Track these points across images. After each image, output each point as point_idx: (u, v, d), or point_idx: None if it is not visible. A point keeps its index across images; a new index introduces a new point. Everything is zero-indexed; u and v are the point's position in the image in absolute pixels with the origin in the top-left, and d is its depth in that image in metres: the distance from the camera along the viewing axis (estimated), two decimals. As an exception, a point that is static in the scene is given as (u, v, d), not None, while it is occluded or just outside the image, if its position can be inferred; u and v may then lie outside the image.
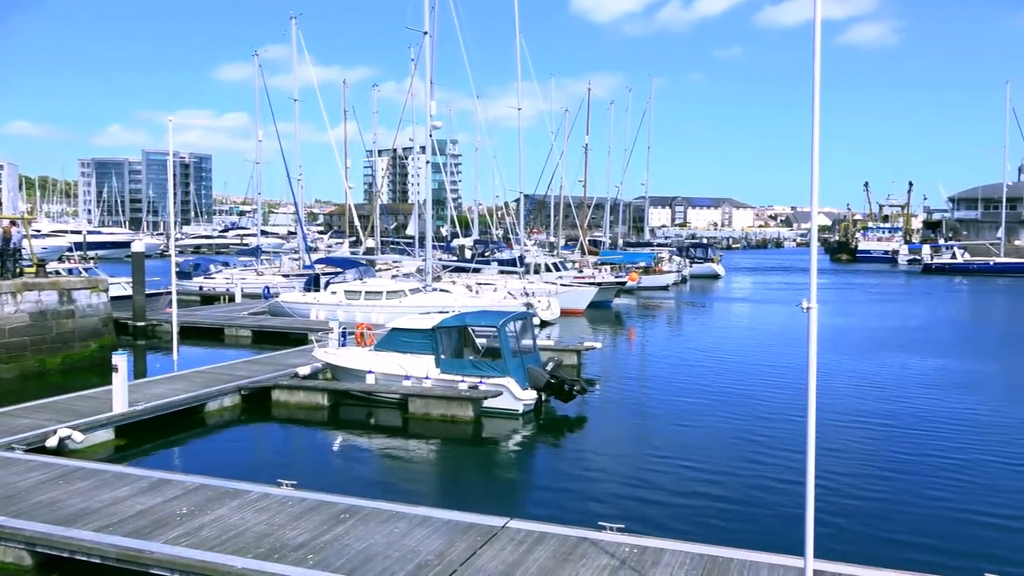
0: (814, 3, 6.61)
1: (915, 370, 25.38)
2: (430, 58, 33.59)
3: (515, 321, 19.13)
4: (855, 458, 15.15)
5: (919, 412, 19.19)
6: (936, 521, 11.96)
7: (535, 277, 42.84)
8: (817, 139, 6.67)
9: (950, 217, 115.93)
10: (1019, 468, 14.69)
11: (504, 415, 17.99)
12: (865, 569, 8.67)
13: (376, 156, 72.70)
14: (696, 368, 25.81)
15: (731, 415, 18.69)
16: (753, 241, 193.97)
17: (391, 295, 32.62)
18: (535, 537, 9.67)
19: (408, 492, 13.35)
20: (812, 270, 6.92)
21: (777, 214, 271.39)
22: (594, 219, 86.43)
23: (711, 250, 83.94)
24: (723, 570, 8.71)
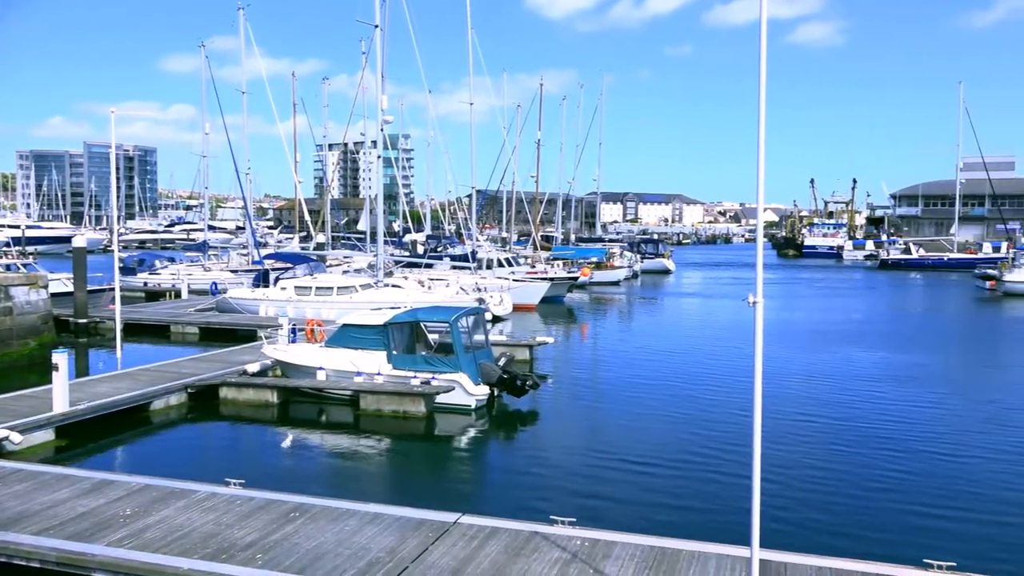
0: (760, 5, 6.71)
1: (861, 363, 26.02)
2: (381, 52, 33.33)
3: (467, 316, 19.11)
4: (800, 450, 15.49)
5: (863, 404, 19.69)
6: (878, 510, 12.29)
7: (487, 272, 42.80)
8: (763, 139, 6.78)
9: (892, 213, 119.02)
10: (956, 458, 15.16)
11: (456, 411, 17.97)
12: (809, 557, 8.87)
13: (327, 150, 71.83)
14: (647, 362, 26.10)
15: (681, 409, 18.95)
16: (703, 237, 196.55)
17: (342, 291, 32.30)
18: (487, 532, 9.69)
19: (359, 489, 13.26)
20: (758, 266, 7.04)
21: (726, 210, 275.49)
22: (546, 215, 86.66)
23: (662, 246, 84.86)
24: (672, 561, 8.83)
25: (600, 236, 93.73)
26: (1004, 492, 13.13)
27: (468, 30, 45.61)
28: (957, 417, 18.57)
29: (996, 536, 11.29)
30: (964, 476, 13.99)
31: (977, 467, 14.52)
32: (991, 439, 16.41)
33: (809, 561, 8.77)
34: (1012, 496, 12.94)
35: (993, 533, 11.39)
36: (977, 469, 14.39)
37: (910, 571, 8.48)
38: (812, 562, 8.75)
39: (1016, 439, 16.38)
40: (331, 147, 78.89)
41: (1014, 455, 15.22)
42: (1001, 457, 15.10)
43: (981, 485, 13.49)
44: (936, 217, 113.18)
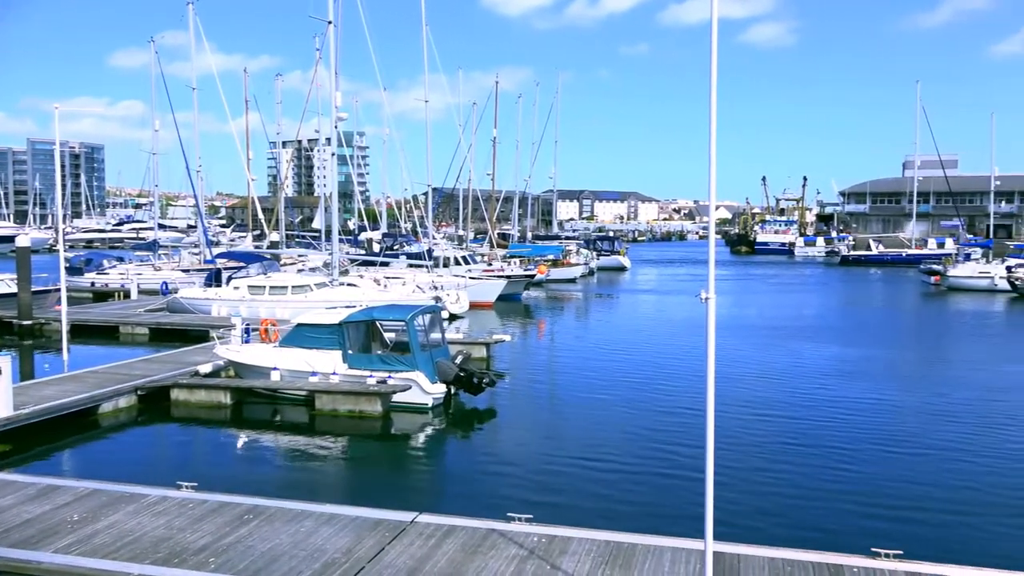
0: (712, 11, 6.79)
1: (811, 358, 26.54)
2: (335, 48, 32.99)
3: (423, 315, 19.04)
4: (753, 444, 15.73)
5: (813, 399, 20.09)
6: (828, 502, 12.56)
7: (444, 270, 42.68)
8: (714, 138, 6.87)
9: (841, 211, 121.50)
10: (902, 450, 15.56)
11: (413, 409, 17.89)
12: (762, 549, 9.03)
13: (280, 147, 70.87)
14: (604, 358, 26.29)
15: (638, 404, 19.12)
16: (658, 234, 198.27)
17: (296, 290, 31.94)
18: (444, 530, 9.67)
19: (315, 490, 13.12)
20: (710, 263, 7.13)
21: (681, 207, 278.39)
22: (503, 212, 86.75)
23: (617, 243, 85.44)
24: (628, 555, 8.91)
25: (556, 234, 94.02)
26: (949, 482, 13.51)
27: (423, 27, 45.44)
28: (903, 410, 19.06)
29: (941, 524, 11.62)
30: (910, 467, 14.36)
31: (922, 458, 14.91)
32: (935, 431, 16.87)
33: (762, 552, 8.92)
34: (956, 485, 13.32)
35: (939, 521, 11.72)
36: (922, 460, 14.79)
37: (859, 560, 8.67)
38: (765, 553, 8.90)
39: (959, 431, 16.86)
40: (285, 144, 77.76)
41: (956, 446, 15.67)
42: (944, 448, 15.54)
43: (926, 475, 13.87)
44: (883, 214, 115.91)
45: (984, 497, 12.79)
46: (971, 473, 13.98)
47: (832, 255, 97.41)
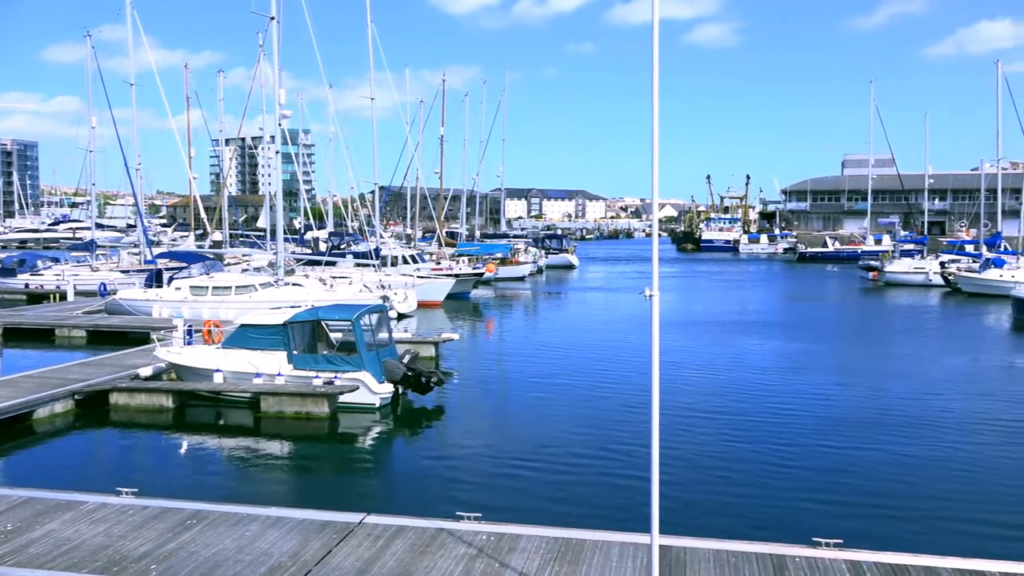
0: (653, 10, 6.86)
1: (753, 353, 27.07)
2: (277, 44, 32.47)
3: (370, 314, 18.89)
4: (697, 438, 15.99)
5: (755, 393, 20.50)
6: (771, 494, 12.83)
7: (391, 269, 42.40)
8: (656, 138, 6.95)
9: (783, 208, 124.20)
10: (840, 442, 15.97)
11: (361, 410, 17.74)
12: (708, 541, 9.17)
13: (223, 145, 69.64)
14: (552, 357, 26.42)
15: (586, 401, 19.27)
16: (605, 232, 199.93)
17: (241, 290, 31.39)
18: (393, 531, 9.60)
19: (261, 493, 12.93)
20: (654, 261, 7.22)
21: (628, 205, 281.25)
22: (451, 211, 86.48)
23: (566, 241, 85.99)
24: (576, 551, 8.97)
25: (505, 232, 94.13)
26: (886, 472, 13.91)
27: (368, 25, 45.00)
28: (842, 403, 19.55)
29: (879, 512, 11.96)
30: (849, 459, 14.75)
31: (860, 450, 15.32)
32: (873, 424, 17.36)
33: (707, 545, 9.06)
34: (893, 476, 13.72)
35: (876, 510, 12.06)
36: (860, 452, 15.19)
37: (801, 549, 8.87)
38: (710, 546, 9.05)
39: (895, 423, 17.38)
40: (228, 142, 76.44)
41: (893, 438, 16.14)
42: (881, 440, 15.99)
43: (865, 467, 14.25)
44: (823, 211, 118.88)
45: (920, 487, 13.20)
46: (907, 463, 14.42)
47: (790, 252, 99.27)
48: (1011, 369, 25.33)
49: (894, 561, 8.55)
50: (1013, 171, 65.75)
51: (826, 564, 8.51)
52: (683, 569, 8.48)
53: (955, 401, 19.62)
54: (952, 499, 12.61)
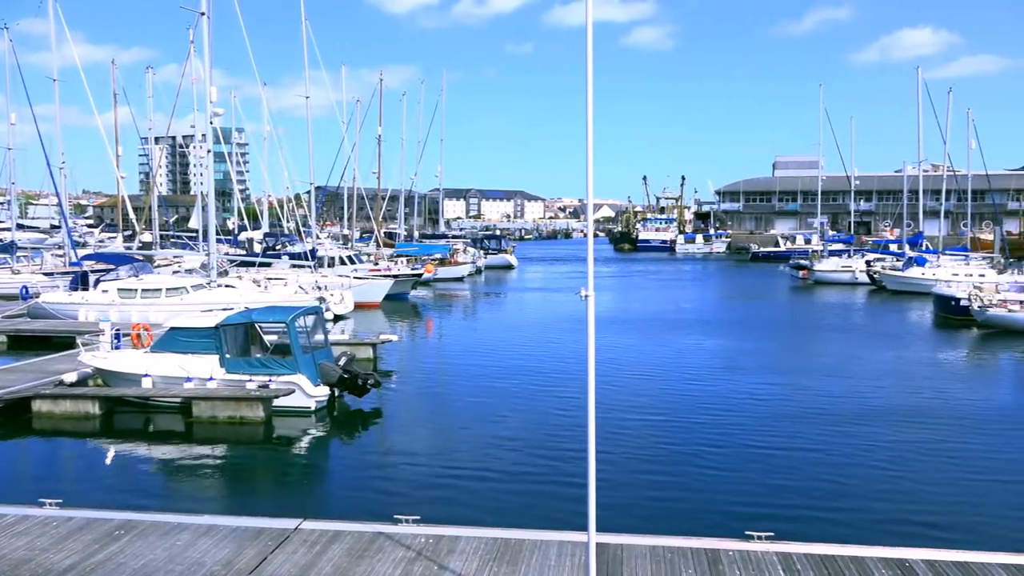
0: (586, 14, 6.92)
1: (687, 350, 27.55)
2: (208, 40, 31.72)
3: (305, 316, 18.61)
4: (633, 436, 16.19)
5: (689, 390, 20.88)
6: (705, 490, 13.07)
7: (328, 271, 41.84)
8: (591, 139, 7.01)
9: (717, 209, 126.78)
10: (771, 438, 16.37)
11: (296, 413, 17.45)
12: (644, 538, 9.29)
13: (153, 144, 67.61)
14: (491, 357, 26.43)
15: (524, 401, 19.32)
16: (544, 232, 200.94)
17: (171, 292, 30.57)
18: (330, 536, 9.47)
19: (193, 501, 12.63)
20: (589, 262, 7.28)
21: (566, 206, 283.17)
22: (389, 211, 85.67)
23: (504, 241, 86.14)
24: (515, 551, 8.99)
25: (443, 232, 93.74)
26: (815, 465, 14.32)
27: (303, 22, 44.35)
28: (773, 399, 20.04)
29: (809, 506, 12.31)
30: (780, 453, 15.13)
31: (791, 444, 15.74)
32: (803, 418, 17.83)
33: (644, 541, 9.18)
34: (822, 468, 14.13)
35: (807, 503, 12.41)
36: (791, 446, 15.60)
37: (734, 543, 9.06)
38: (646, 542, 9.16)
39: (824, 417, 17.89)
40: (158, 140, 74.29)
41: (820, 432, 16.61)
42: (810, 434, 16.45)
43: (795, 460, 14.65)
44: (755, 212, 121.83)
45: (848, 480, 13.61)
46: (836, 458, 14.85)
47: (742, 251, 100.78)
48: (933, 364, 26.33)
49: (823, 552, 8.79)
50: (934, 173, 68.32)
51: (758, 557, 8.71)
52: (620, 566, 8.57)
53: (881, 396, 20.29)
54: (879, 491, 13.04)
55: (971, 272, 47.50)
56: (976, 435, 16.58)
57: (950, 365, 26.45)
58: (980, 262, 51.81)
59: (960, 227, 72.08)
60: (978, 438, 16.32)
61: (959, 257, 53.99)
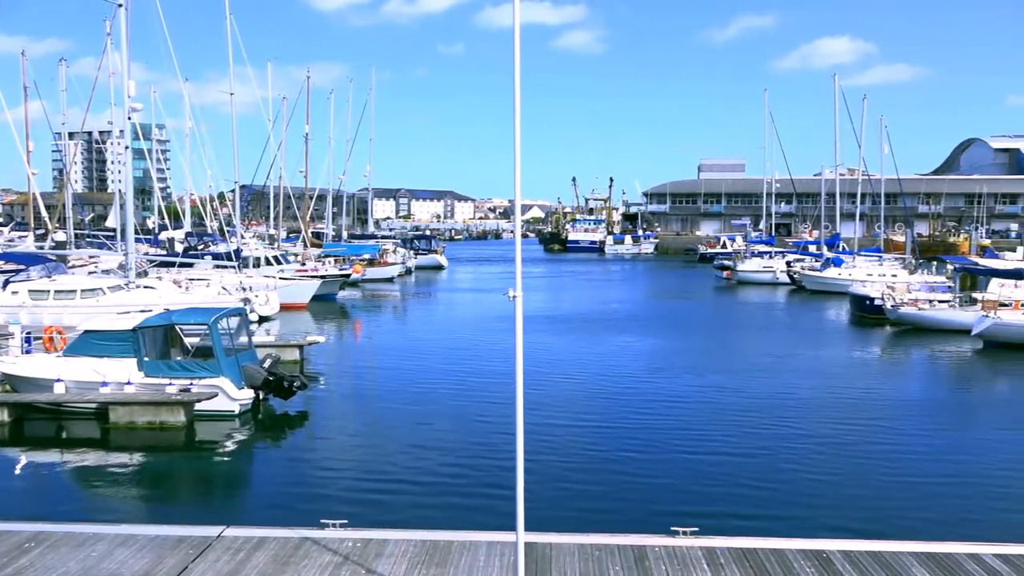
0: (514, 15, 6.92)
1: (614, 349, 27.93)
2: (126, 33, 30.65)
3: (228, 317, 18.18)
4: (562, 435, 16.32)
5: (616, 388, 21.16)
6: (632, 487, 13.26)
7: (253, 271, 40.94)
8: (518, 141, 7.02)
9: (645, 210, 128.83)
10: (695, 434, 16.73)
11: (219, 417, 17.01)
12: (573, 536, 9.35)
13: (67, 139, 64.97)
14: (421, 357, 26.27)
15: (453, 402, 19.26)
16: (474, 233, 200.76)
17: (87, 294, 29.44)
18: (254, 543, 9.24)
19: (110, 510, 12.18)
20: (517, 263, 7.28)
21: (496, 206, 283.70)
22: (317, 211, 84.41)
23: (434, 242, 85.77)
24: (444, 553, 8.93)
25: (373, 233, 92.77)
26: (738, 460, 14.68)
27: (227, 16, 43.31)
28: (698, 397, 20.48)
29: (733, 500, 12.60)
30: (704, 450, 15.47)
31: (714, 441, 16.10)
32: (725, 414, 18.27)
33: (572, 540, 9.24)
34: (744, 464, 14.50)
35: (731, 498, 12.71)
36: (714, 443, 15.97)
37: (660, 539, 9.20)
38: (575, 540, 9.22)
39: (746, 413, 18.35)
40: (72, 136, 71.54)
41: (743, 428, 17.06)
42: (732, 430, 16.87)
43: (719, 456, 14.98)
44: (682, 213, 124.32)
45: (770, 474, 13.99)
46: (758, 453, 15.25)
47: (690, 252, 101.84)
48: (849, 361, 27.29)
49: (745, 545, 9.00)
50: (850, 177, 70.93)
51: (684, 552, 8.86)
52: (548, 565, 8.61)
53: (801, 393, 20.93)
54: (799, 485, 13.45)
55: (884, 272, 49.47)
56: (889, 429, 17.26)
57: (865, 362, 27.47)
58: (893, 263, 54.02)
59: (874, 229, 74.97)
60: (891, 432, 17.00)
61: (873, 258, 56.12)
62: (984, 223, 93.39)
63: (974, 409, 20.60)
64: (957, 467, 14.56)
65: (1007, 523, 11.85)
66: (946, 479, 13.83)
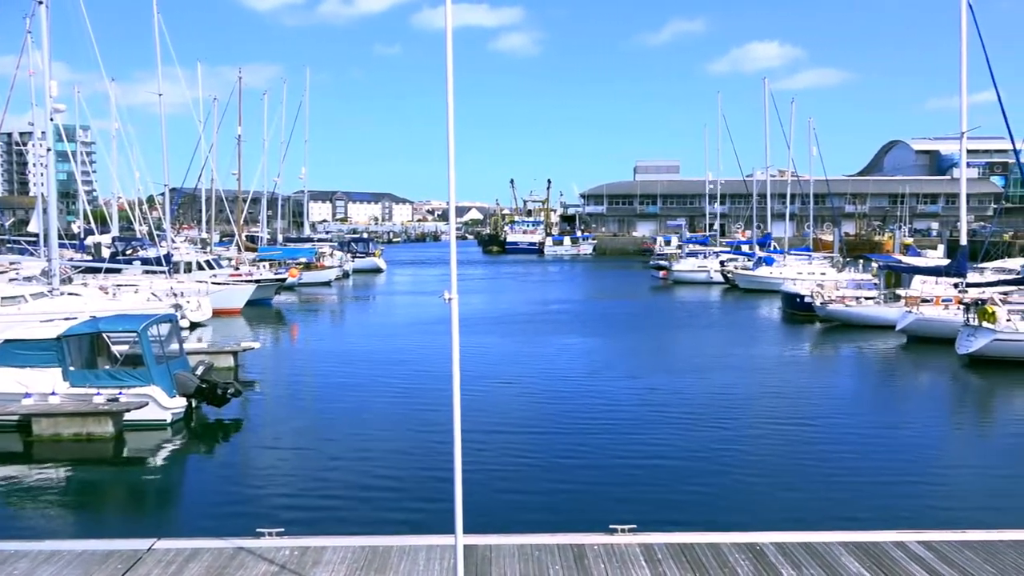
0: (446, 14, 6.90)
1: (551, 349, 28.09)
2: (47, 30, 29.58)
3: (159, 324, 17.68)
4: (499, 436, 16.33)
5: (553, 388, 21.28)
6: (571, 487, 13.34)
7: (184, 276, 39.96)
8: (452, 142, 7.00)
9: (582, 211, 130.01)
10: (634, 434, 16.94)
11: (150, 427, 16.53)
12: (512, 537, 9.36)
13: (-16, 141, 62.38)
14: (359, 362, 26.00)
15: (392, 406, 19.11)
16: (413, 235, 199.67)
17: (7, 301, 28.30)
18: (187, 555, 9.00)
19: (33, 527, 11.71)
20: (452, 265, 7.28)
21: (435, 208, 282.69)
22: (251, 214, 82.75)
23: (372, 244, 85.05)
24: (383, 559, 8.85)
25: (309, 236, 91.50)
26: (675, 458, 14.92)
27: (154, 14, 42.15)
28: (634, 395, 20.74)
29: (670, 497, 12.81)
30: (642, 448, 15.68)
31: (652, 439, 16.34)
32: (662, 411, 18.56)
33: (511, 541, 9.25)
34: (681, 461, 14.75)
35: (668, 495, 12.91)
36: (652, 441, 16.20)
37: (599, 537, 9.28)
38: (514, 541, 9.24)
39: (682, 412, 18.67)
40: (-10, 138, 68.61)
41: (679, 425, 17.35)
42: (669, 427, 17.15)
43: (656, 454, 15.21)
44: (618, 214, 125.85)
45: (705, 470, 14.25)
46: (694, 449, 15.53)
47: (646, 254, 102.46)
48: (781, 357, 28.00)
49: (682, 541, 9.14)
50: (780, 178, 72.84)
51: (622, 549, 8.96)
52: (489, 566, 8.60)
53: (735, 390, 21.37)
54: (735, 480, 13.73)
55: (814, 271, 50.92)
56: (820, 424, 17.76)
57: (796, 359, 28.21)
58: (822, 261, 55.63)
59: (804, 229, 77.09)
60: (822, 427, 17.50)
61: (803, 257, 57.73)
62: (907, 222, 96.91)
63: (899, 402, 21.35)
64: (885, 458, 15.06)
65: (932, 510, 12.33)
66: (875, 470, 14.29)
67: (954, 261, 32.25)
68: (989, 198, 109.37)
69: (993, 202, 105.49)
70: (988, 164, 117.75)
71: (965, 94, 29.65)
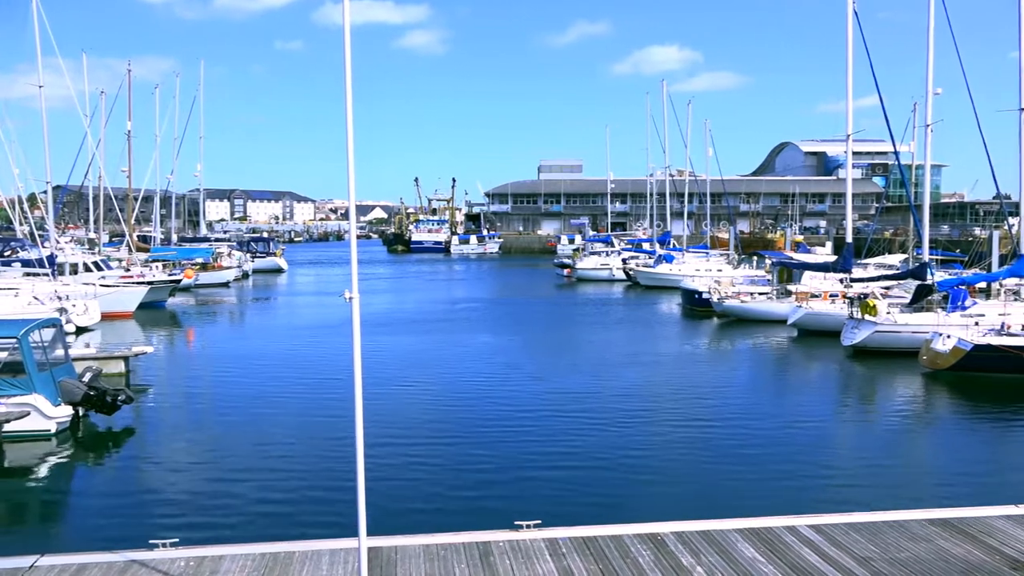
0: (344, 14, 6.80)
1: (456, 348, 28.09)
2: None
3: (41, 329, 16.74)
4: (402, 436, 16.23)
5: (455, 387, 21.30)
6: (475, 486, 13.38)
7: (70, 278, 38.01)
8: (351, 138, 6.91)
9: (487, 210, 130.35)
10: (536, 432, 17.11)
11: (33, 438, 15.63)
12: (417, 537, 9.30)
13: None
14: (259, 365, 25.32)
15: (293, 409, 18.69)
16: (315, 234, 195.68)
17: None
18: (73, 570, 8.56)
19: (-101, 548, 10.88)
20: (352, 265, 7.17)
21: (337, 207, 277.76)
22: (143, 213, 79.36)
23: (273, 244, 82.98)
24: (285, 564, 8.65)
25: (206, 235, 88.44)
26: (578, 453, 15.15)
27: (32, 2, 39.87)
28: (536, 393, 20.95)
29: (571, 493, 13.00)
30: (545, 444, 15.86)
31: (554, 435, 16.54)
32: (564, 408, 18.82)
33: (416, 541, 9.19)
34: (583, 456, 14.99)
35: (571, 490, 13.09)
36: (555, 437, 16.41)
37: (504, 534, 9.32)
38: (419, 541, 9.18)
39: (584, 407, 18.99)
40: None
41: (582, 420, 17.63)
42: (570, 423, 17.40)
43: (559, 450, 15.41)
44: (523, 213, 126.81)
45: (606, 464, 14.53)
46: (596, 444, 15.80)
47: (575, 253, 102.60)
48: (680, 353, 28.82)
49: (586, 534, 9.29)
50: (679, 177, 74.89)
51: (527, 545, 9.03)
52: (394, 568, 8.52)
53: (636, 385, 21.89)
54: (637, 472, 14.05)
55: (711, 268, 52.64)
56: (717, 415, 18.38)
57: (695, 353, 29.09)
58: (718, 258, 57.56)
59: (702, 227, 79.57)
60: (719, 418, 18.11)
61: (701, 254, 59.60)
62: (797, 220, 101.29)
63: (790, 393, 22.32)
64: (778, 448, 15.72)
65: (823, 493, 12.95)
66: (769, 459, 14.89)
67: (840, 257, 33.95)
68: (872, 198, 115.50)
69: (875, 201, 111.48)
70: (871, 165, 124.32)
71: (851, 98, 31.30)
